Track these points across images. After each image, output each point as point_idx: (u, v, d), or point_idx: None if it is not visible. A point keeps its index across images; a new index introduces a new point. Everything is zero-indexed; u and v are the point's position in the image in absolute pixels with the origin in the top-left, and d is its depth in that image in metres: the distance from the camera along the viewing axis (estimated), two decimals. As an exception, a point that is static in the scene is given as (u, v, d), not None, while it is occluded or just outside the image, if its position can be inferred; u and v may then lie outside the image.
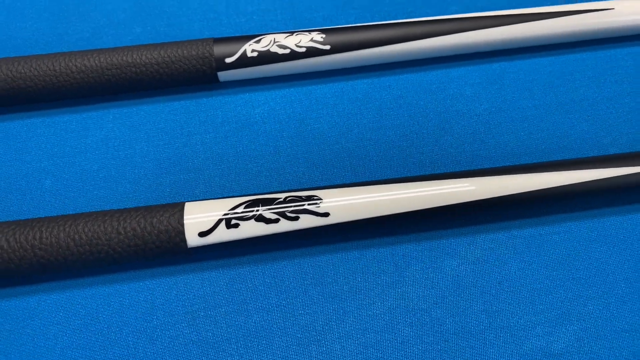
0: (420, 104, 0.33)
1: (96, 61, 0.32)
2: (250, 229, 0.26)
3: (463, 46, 0.34)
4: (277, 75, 0.34)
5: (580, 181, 0.27)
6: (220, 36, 0.37)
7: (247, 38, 0.33)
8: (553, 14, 0.34)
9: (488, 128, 0.32)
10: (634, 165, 0.28)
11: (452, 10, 0.38)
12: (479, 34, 0.34)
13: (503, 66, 0.35)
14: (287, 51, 0.33)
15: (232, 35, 0.37)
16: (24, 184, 0.31)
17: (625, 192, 0.28)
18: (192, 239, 0.26)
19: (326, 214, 0.26)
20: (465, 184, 0.27)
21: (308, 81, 0.34)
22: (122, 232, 0.26)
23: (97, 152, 0.32)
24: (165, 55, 0.32)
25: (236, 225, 0.26)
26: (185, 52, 0.32)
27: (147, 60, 0.32)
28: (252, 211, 0.26)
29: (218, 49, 0.32)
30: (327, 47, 0.33)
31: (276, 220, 0.26)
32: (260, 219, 0.26)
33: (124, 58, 0.32)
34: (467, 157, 0.31)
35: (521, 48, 0.35)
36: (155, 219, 0.26)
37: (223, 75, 0.33)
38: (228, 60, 0.32)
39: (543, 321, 0.26)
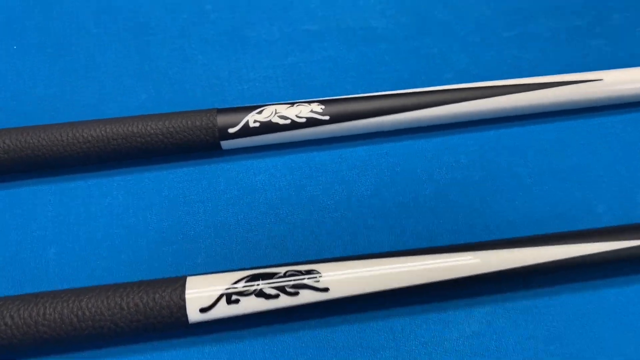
0: (417, 171, 0.34)
1: (102, 131, 0.33)
2: (250, 305, 0.27)
3: (458, 115, 0.35)
4: (278, 143, 0.35)
5: (578, 255, 0.28)
6: (223, 102, 0.38)
7: (250, 109, 0.34)
8: (545, 85, 0.35)
9: (484, 196, 0.33)
10: (630, 239, 0.28)
11: (446, 78, 0.39)
12: (473, 104, 0.35)
13: (498, 134, 0.36)
14: (288, 122, 0.34)
15: (235, 102, 0.38)
16: (28, 252, 0.31)
17: (621, 265, 0.29)
18: (193, 315, 0.26)
19: (326, 289, 0.27)
20: (468, 257, 0.28)
21: (308, 148, 0.35)
22: (125, 308, 0.26)
23: (101, 220, 0.32)
24: (170, 126, 0.33)
25: (237, 301, 0.26)
26: (189, 122, 0.33)
27: (152, 131, 0.33)
28: (253, 286, 0.27)
29: (221, 119, 0.33)
30: (326, 117, 0.34)
31: (276, 296, 0.27)
32: (260, 294, 0.27)
33: (130, 128, 0.33)
34: (464, 226, 0.32)
35: (515, 116, 0.36)
36: (157, 295, 0.27)
37: (226, 144, 0.34)
38: (231, 130, 0.33)
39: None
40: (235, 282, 0.27)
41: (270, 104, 0.34)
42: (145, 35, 0.42)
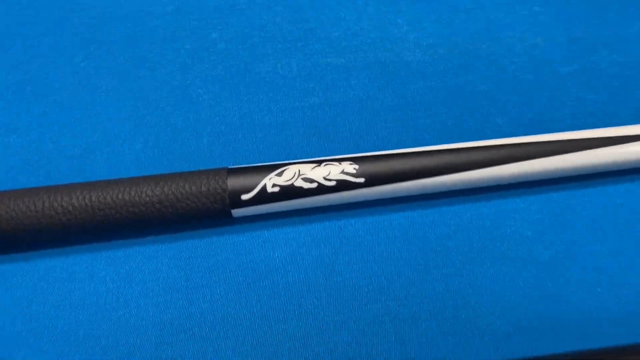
0: (472, 245, 0.28)
1: (86, 199, 0.27)
2: None
3: (521, 176, 0.29)
4: (301, 208, 0.29)
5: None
6: (233, 154, 0.32)
7: (267, 169, 0.28)
8: (631, 138, 0.29)
9: (554, 279, 0.27)
10: None
11: (498, 124, 0.33)
12: (540, 163, 0.28)
13: (569, 197, 0.29)
14: (314, 185, 0.27)
15: (248, 153, 0.32)
16: (-8, 352, 0.25)
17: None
18: None
19: None
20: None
21: (337, 214, 0.29)
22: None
23: (84, 309, 0.26)
24: (170, 192, 0.27)
25: None
26: (193, 187, 0.27)
27: (147, 199, 0.27)
28: None
29: (233, 183, 0.27)
30: (361, 179, 0.28)
31: None
32: None
33: (121, 196, 0.27)
34: (531, 318, 0.26)
35: (590, 174, 0.30)
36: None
37: (238, 212, 0.28)
38: (244, 197, 0.27)
39: None
40: None
41: (292, 163, 0.28)
42: (140, 69, 0.36)
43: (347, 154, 0.31)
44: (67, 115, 0.33)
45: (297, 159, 0.31)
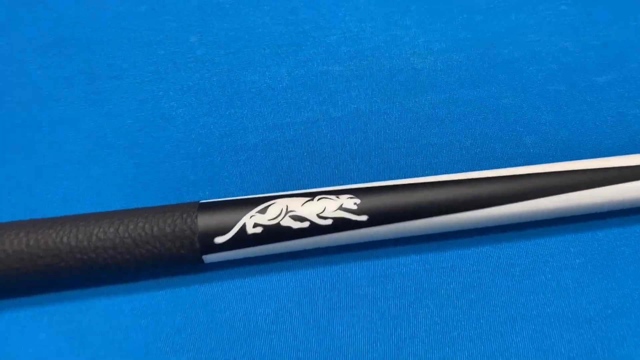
0: (500, 298, 0.23)
1: (23, 244, 0.21)
2: None
3: (557, 212, 0.24)
4: (290, 252, 0.24)
5: None
6: (209, 183, 0.26)
7: (248, 204, 0.23)
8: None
9: (604, 341, 0.22)
10: None
11: (526, 144, 0.28)
12: (578, 196, 0.23)
13: (617, 237, 0.24)
14: (306, 225, 0.22)
15: (228, 183, 0.26)
16: None
17: None
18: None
19: None
20: None
21: (335, 259, 0.24)
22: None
23: (18, 381, 0.21)
24: (127, 236, 0.22)
25: None
26: (155, 229, 0.22)
27: (99, 244, 0.22)
28: None
29: (205, 222, 0.22)
30: (363, 217, 0.22)
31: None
32: None
33: (66, 240, 0.22)
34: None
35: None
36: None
37: (211, 258, 0.23)
38: (219, 240, 0.22)
39: None
40: None
41: (279, 197, 0.23)
42: (104, 78, 0.31)
43: (347, 184, 0.26)
44: (14, 130, 0.28)
45: (285, 190, 0.26)
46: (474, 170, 0.26)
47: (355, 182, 0.26)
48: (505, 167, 0.26)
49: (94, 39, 0.32)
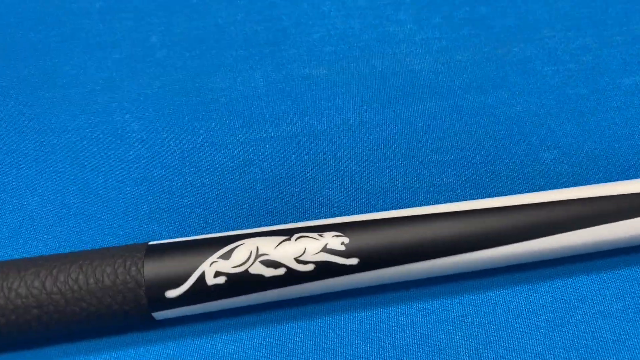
0: (522, 354, 0.18)
1: None
2: None
3: (593, 246, 0.19)
4: (262, 303, 0.19)
5: None
6: (166, 217, 0.22)
7: (207, 246, 0.18)
8: None
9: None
10: None
11: (545, 160, 0.23)
12: (618, 227, 0.19)
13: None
14: (281, 271, 0.18)
15: (185, 221, 0.22)
16: None
17: None
18: None
19: None
20: None
21: (318, 308, 0.20)
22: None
23: None
24: (54, 290, 0.17)
25: None
26: (91, 281, 0.17)
27: (18, 301, 0.17)
28: None
29: (153, 271, 0.18)
30: (353, 260, 0.18)
31: None
32: None
33: (-26, 297, 0.17)
34: None
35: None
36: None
37: (163, 315, 0.18)
38: (171, 294, 0.17)
39: None
40: None
41: (247, 236, 0.18)
42: (47, 88, 0.26)
43: (332, 215, 0.21)
44: None
45: (259, 223, 0.21)
46: (485, 194, 0.22)
47: (343, 213, 0.22)
48: (523, 186, 0.22)
49: (37, 41, 0.28)
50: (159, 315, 0.18)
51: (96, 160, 0.24)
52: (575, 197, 0.19)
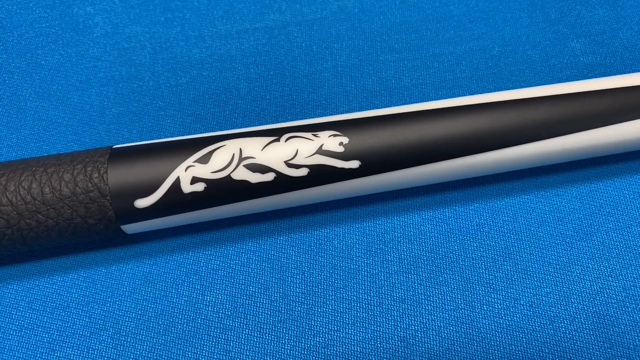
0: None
1: None
2: None
3: (632, 143, 0.17)
4: (248, 214, 0.17)
5: None
6: (133, 115, 0.19)
7: (182, 148, 0.15)
8: None
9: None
10: None
11: (575, 48, 0.20)
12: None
13: None
14: (270, 177, 0.15)
15: (155, 120, 0.19)
16: None
17: None
18: None
19: None
20: None
21: (312, 219, 0.17)
22: None
23: None
24: (4, 202, 0.15)
25: None
26: (46, 190, 0.15)
27: (-42, 215, 0.14)
28: None
29: (119, 178, 0.15)
30: (354, 163, 0.15)
31: None
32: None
33: None
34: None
35: None
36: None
37: (134, 228, 0.16)
38: (141, 203, 0.15)
39: None
40: None
41: (228, 136, 0.16)
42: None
43: (329, 114, 0.18)
44: None
45: (241, 125, 0.18)
46: (505, 90, 0.19)
47: (341, 112, 0.19)
48: (548, 81, 0.19)
49: None
50: (129, 228, 0.15)
51: (55, 59, 0.20)
52: (607, 87, 0.17)
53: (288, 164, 0.15)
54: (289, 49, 0.20)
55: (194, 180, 0.15)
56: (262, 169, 0.15)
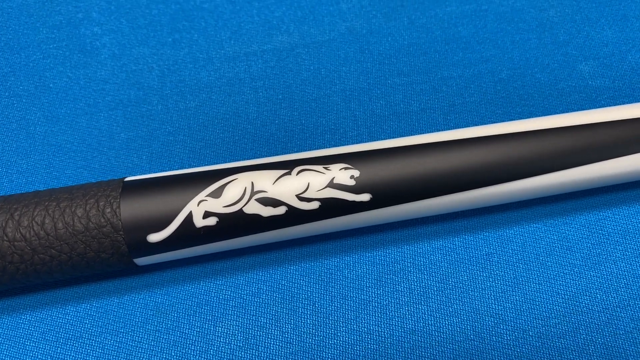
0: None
1: None
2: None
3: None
4: (258, 245, 0.17)
5: None
6: (143, 149, 0.19)
7: (194, 182, 0.15)
8: None
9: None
10: None
11: (584, 71, 0.20)
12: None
13: None
14: (282, 211, 0.15)
15: (165, 152, 0.19)
16: None
17: None
18: None
19: None
20: None
21: (322, 248, 0.17)
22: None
23: None
24: (17, 237, 0.15)
25: None
26: (59, 224, 0.15)
27: (-28, 251, 0.15)
28: None
29: (132, 212, 0.15)
30: (365, 196, 0.15)
31: None
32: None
33: None
34: None
35: None
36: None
37: (146, 260, 0.16)
38: (153, 238, 0.15)
39: None
40: None
41: (240, 169, 0.16)
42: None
43: (339, 143, 0.18)
44: None
45: (251, 155, 0.18)
46: (513, 114, 0.19)
47: (349, 140, 0.19)
48: (556, 104, 0.19)
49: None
50: (141, 261, 0.16)
51: (63, 82, 0.20)
52: (618, 119, 0.17)
53: (300, 197, 0.15)
54: (297, 71, 0.20)
55: (206, 214, 0.15)
56: (274, 202, 0.15)
